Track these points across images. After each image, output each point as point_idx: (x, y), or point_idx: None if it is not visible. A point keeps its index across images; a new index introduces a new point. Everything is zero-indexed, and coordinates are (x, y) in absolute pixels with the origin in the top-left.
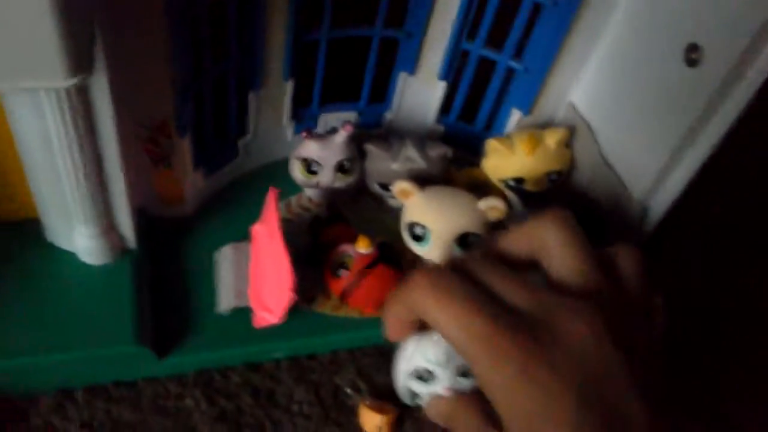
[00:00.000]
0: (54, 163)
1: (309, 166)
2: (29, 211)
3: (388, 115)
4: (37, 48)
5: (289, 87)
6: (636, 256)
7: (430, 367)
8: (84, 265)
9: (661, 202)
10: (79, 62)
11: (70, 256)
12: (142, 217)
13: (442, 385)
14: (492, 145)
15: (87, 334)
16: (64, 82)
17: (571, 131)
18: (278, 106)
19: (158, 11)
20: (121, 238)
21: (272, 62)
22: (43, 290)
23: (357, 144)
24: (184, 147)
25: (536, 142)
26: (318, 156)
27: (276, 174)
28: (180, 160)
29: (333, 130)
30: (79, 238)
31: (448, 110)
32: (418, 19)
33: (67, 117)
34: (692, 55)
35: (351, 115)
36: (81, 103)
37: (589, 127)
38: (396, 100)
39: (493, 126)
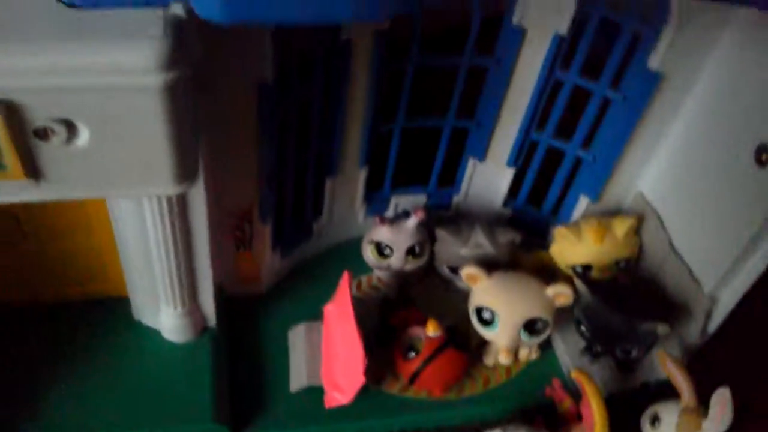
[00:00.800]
0: (147, 250)
1: (381, 249)
2: (120, 289)
3: (457, 198)
4: (150, 162)
5: (363, 173)
6: None
7: None
8: (167, 342)
9: (730, 295)
10: (186, 172)
11: (154, 334)
12: (219, 295)
13: None
14: (560, 232)
15: (167, 411)
16: (172, 190)
17: (640, 220)
18: (352, 190)
19: (252, 117)
20: (202, 316)
21: (349, 151)
22: (127, 367)
23: (427, 226)
24: (265, 232)
25: (604, 230)
26: (390, 240)
27: (347, 254)
28: (260, 243)
29: (405, 214)
30: (165, 317)
31: (515, 194)
32: (489, 110)
33: (165, 214)
34: (762, 155)
35: (421, 198)
36: (179, 202)
37: (658, 216)
38: (464, 184)
39: (560, 211)
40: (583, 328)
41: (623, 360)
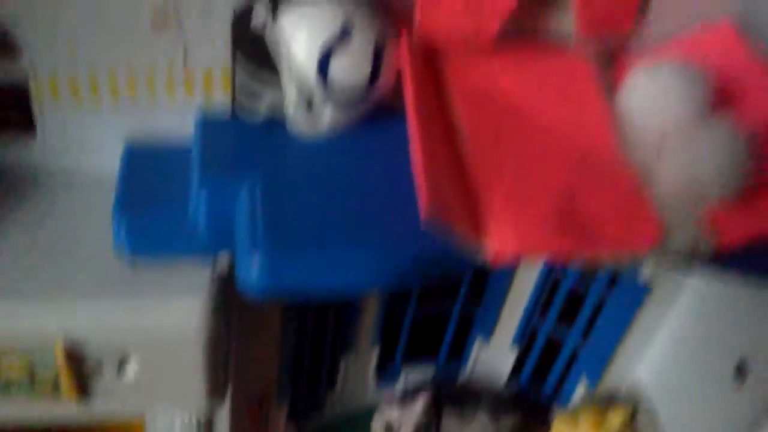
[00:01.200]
0: None
1: (389, 428)
2: None
3: (463, 373)
4: (187, 387)
5: (375, 350)
6: None
7: None
8: None
9: None
10: (218, 391)
11: None
12: None
13: None
14: (558, 419)
15: None
16: (204, 407)
17: (635, 409)
18: (365, 365)
19: (275, 324)
20: None
21: (363, 335)
22: None
23: (434, 402)
24: (282, 410)
25: (600, 421)
26: (397, 420)
27: (358, 423)
28: (276, 421)
29: (413, 393)
30: None
31: (519, 372)
32: (494, 298)
33: (193, 421)
34: (742, 370)
35: (429, 371)
36: None
37: (652, 407)
38: (471, 360)
39: (561, 391)
40: None
41: None
